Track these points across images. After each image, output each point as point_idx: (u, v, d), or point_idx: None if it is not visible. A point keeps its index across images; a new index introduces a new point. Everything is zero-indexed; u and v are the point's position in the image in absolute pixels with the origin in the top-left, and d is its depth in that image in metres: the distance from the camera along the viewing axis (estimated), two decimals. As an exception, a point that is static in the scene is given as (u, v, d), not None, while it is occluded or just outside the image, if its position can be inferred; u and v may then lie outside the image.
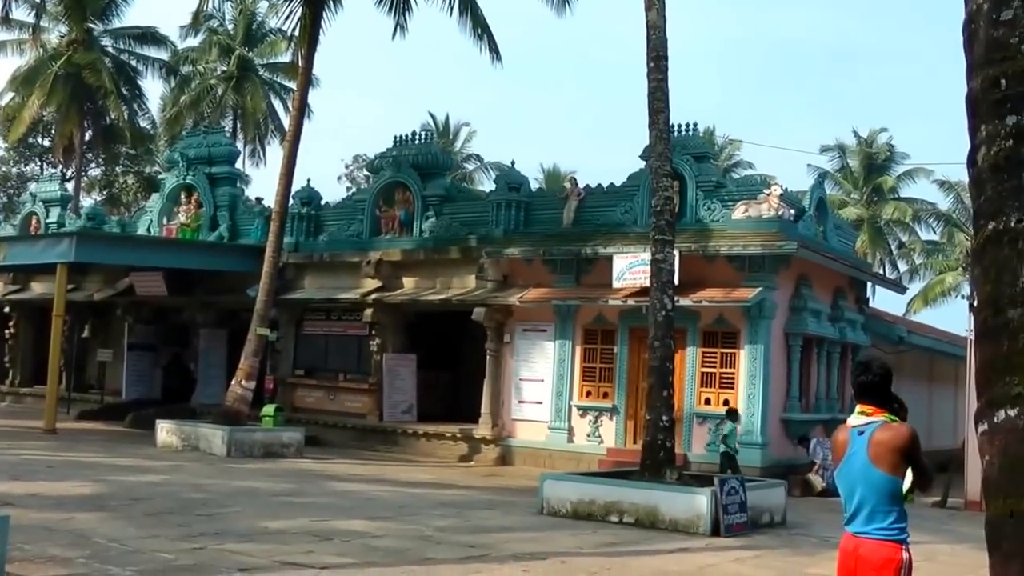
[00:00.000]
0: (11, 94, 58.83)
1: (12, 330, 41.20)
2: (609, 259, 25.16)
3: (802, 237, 24.58)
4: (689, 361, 24.48)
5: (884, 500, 6.25)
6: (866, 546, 6.25)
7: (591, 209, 27.13)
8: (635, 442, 23.90)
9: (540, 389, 26.81)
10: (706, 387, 24.45)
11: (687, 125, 26.23)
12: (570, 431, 26.20)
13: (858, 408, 6.47)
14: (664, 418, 17.55)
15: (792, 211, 24.86)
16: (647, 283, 19.91)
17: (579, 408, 26.18)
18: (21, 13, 46.82)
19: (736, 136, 65.97)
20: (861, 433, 6.35)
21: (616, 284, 24.88)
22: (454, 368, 31.88)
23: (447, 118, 66.95)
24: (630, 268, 24.51)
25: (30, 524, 13.17)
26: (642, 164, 25.61)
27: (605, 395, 25.92)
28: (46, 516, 14.27)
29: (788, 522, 17.78)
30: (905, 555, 6.24)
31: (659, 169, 18.62)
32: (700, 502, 15.99)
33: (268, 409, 27.39)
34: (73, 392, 37.38)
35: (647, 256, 20.14)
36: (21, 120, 56.63)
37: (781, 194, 24.61)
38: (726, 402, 24.09)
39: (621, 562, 13.14)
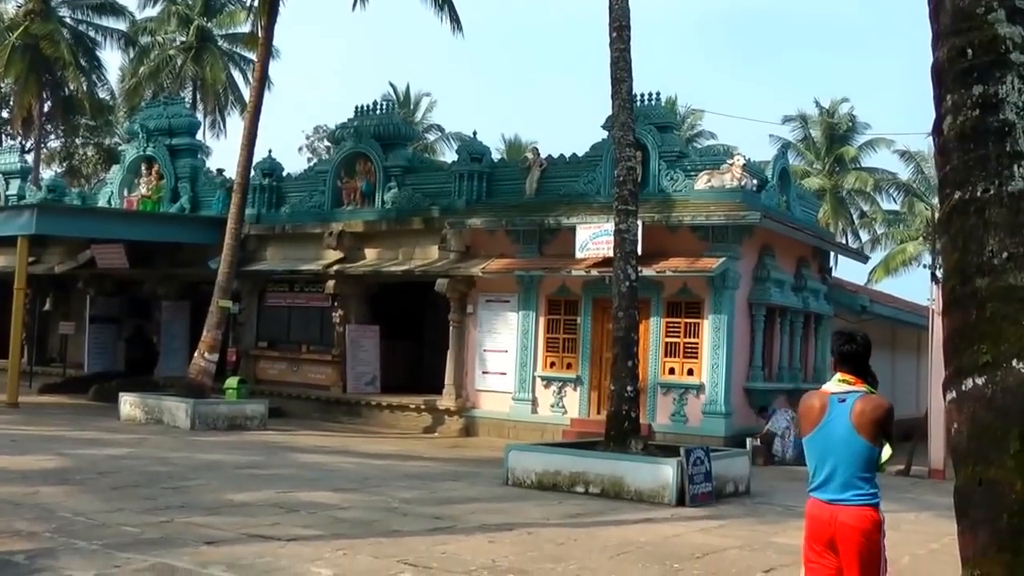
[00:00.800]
0: (-33, 66, 58.23)
1: (-29, 303, 40.53)
2: (572, 229, 25.15)
3: (765, 207, 24.64)
4: (653, 331, 24.51)
5: (863, 467, 6.42)
6: (847, 512, 6.40)
7: (554, 179, 27.11)
8: (599, 413, 23.96)
9: (504, 360, 26.81)
10: (670, 357, 24.50)
11: (650, 95, 26.23)
12: (534, 402, 26.23)
13: (839, 376, 6.62)
14: (629, 388, 17.58)
15: (755, 181, 24.91)
16: (610, 253, 19.94)
17: (543, 379, 26.20)
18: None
19: (698, 106, 65.83)
20: (842, 401, 6.48)
21: (579, 254, 24.88)
22: (418, 339, 31.88)
23: (408, 88, 66.83)
24: (593, 238, 24.52)
25: (-6, 499, 13.11)
26: (605, 134, 25.58)
27: (569, 366, 25.94)
28: (11, 490, 14.21)
29: (752, 491, 17.85)
30: (881, 515, 6.46)
31: (622, 139, 18.59)
32: (666, 472, 16.03)
33: (231, 381, 27.28)
34: (35, 366, 37.14)
35: (610, 227, 20.11)
36: (-22, 92, 56.17)
37: (744, 164, 24.65)
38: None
39: (587, 532, 13.16)
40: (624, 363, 17.67)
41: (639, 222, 19.46)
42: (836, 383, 6.60)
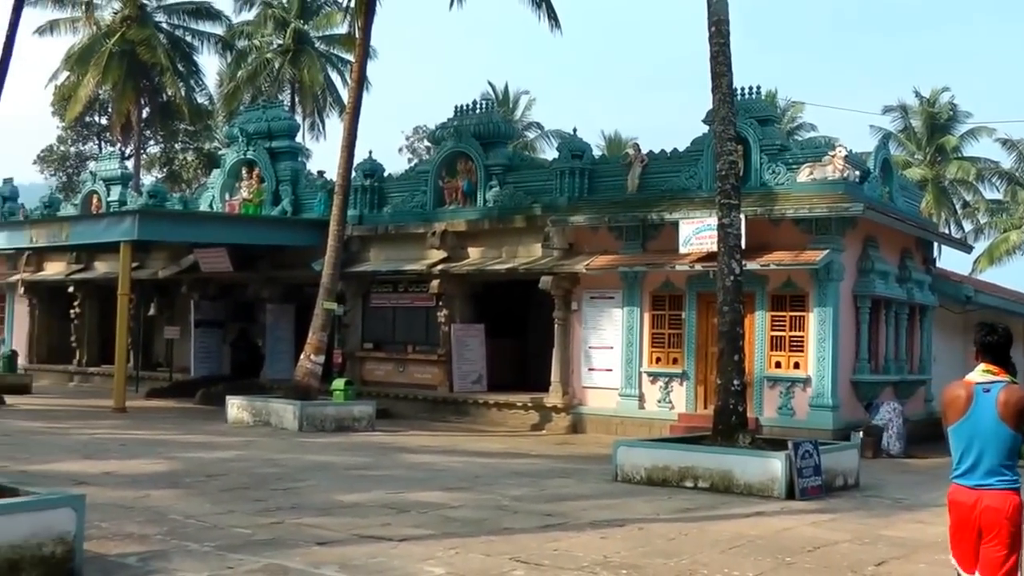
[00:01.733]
0: (66, 73, 59.22)
1: (77, 310, 41.35)
2: (675, 225, 25.11)
3: (868, 198, 24.42)
4: (758, 325, 24.41)
5: (1006, 455, 6.71)
6: (991, 496, 6.68)
7: (655, 175, 27.07)
8: (706, 407, 23.94)
9: (609, 356, 26.84)
10: (776, 350, 24.36)
11: (750, 88, 26.11)
12: (640, 397, 26.23)
13: (982, 367, 6.89)
14: (735, 382, 17.57)
15: (857, 172, 24.67)
16: (714, 248, 19.94)
17: (649, 374, 26.19)
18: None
19: (798, 98, 65.32)
20: (987, 391, 6.76)
21: (683, 249, 24.83)
22: (522, 337, 31.94)
23: (506, 87, 66.85)
24: (696, 233, 24.46)
25: (106, 502, 13.41)
26: (705, 129, 25.54)
27: (675, 361, 25.91)
28: (121, 494, 14.48)
29: (861, 484, 17.75)
30: (1021, 499, 6.72)
31: (723, 133, 18.58)
32: (774, 466, 16.01)
33: (338, 383, 27.49)
34: (141, 370, 37.82)
35: (713, 221, 20.14)
36: (77, 99, 56.96)
37: (846, 156, 24.42)
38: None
39: (698, 527, 13.21)
40: (730, 357, 17.66)
41: (742, 216, 19.41)
42: (980, 373, 6.87)
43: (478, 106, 31.85)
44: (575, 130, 30.62)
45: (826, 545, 12.26)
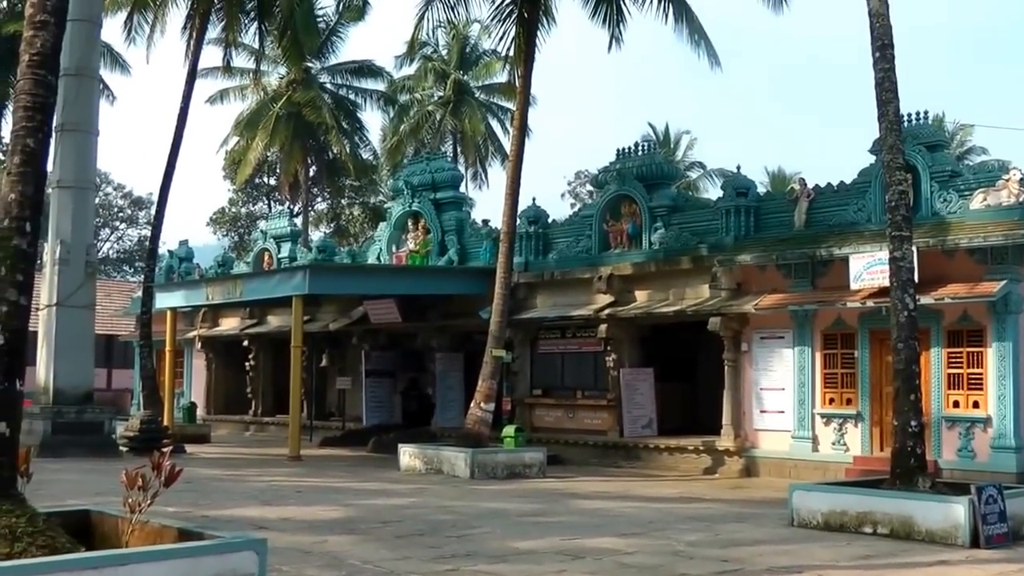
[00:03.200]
0: (236, 138, 61.13)
1: (252, 362, 42.56)
2: (845, 260, 24.56)
3: (1047, 223, 23.50)
4: (934, 362, 23.67)
5: None
6: None
7: (822, 209, 26.58)
8: (882, 449, 23.35)
9: (781, 398, 26.36)
10: (953, 389, 23.54)
11: (916, 114, 25.38)
12: (814, 440, 25.66)
13: None
14: (913, 423, 16.99)
15: (1034, 197, 23.80)
16: (886, 283, 19.41)
17: (822, 416, 25.63)
18: (241, 60, 48.61)
19: (967, 120, 63.74)
20: None
21: (854, 285, 24.25)
22: (691, 380, 31.60)
23: (667, 127, 66.72)
24: (867, 268, 23.88)
25: (285, 547, 13.54)
26: (872, 159, 25.01)
27: (848, 401, 25.30)
28: (299, 539, 14.67)
29: (1052, 531, 17.02)
30: None
31: (891, 162, 18.07)
32: (957, 511, 15.36)
33: (509, 430, 27.48)
34: (315, 420, 38.55)
35: (884, 255, 19.61)
36: (247, 162, 58.96)
37: (1021, 179, 23.57)
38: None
39: (879, 575, 12.77)
40: (906, 397, 17.11)
41: (914, 248, 18.86)
42: None
43: (640, 148, 31.77)
44: (738, 168, 30.25)
45: (1016, 593, 11.75)
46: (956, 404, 23.52)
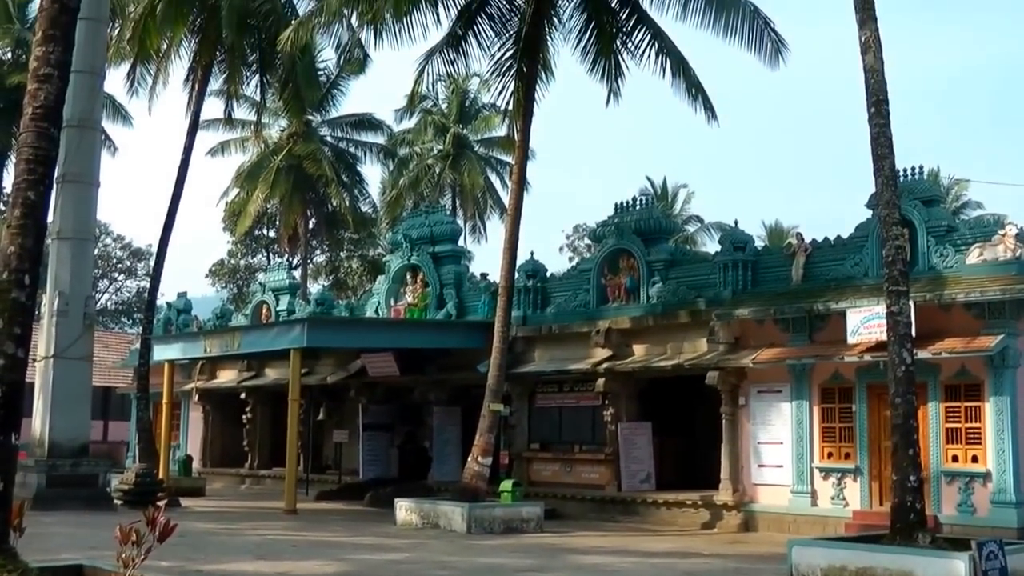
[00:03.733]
0: (236, 190, 61.29)
1: (249, 415, 42.37)
2: (842, 314, 24.55)
3: (1043, 278, 23.50)
4: (932, 417, 23.61)
5: None
6: None
7: (819, 264, 26.61)
8: (881, 504, 23.25)
9: (779, 452, 26.26)
10: (952, 443, 23.46)
11: (912, 169, 25.41)
12: (813, 494, 25.55)
13: None
14: (912, 478, 16.95)
15: (1030, 251, 23.82)
16: (883, 337, 19.41)
17: (821, 470, 25.52)
18: (242, 112, 48.76)
19: (962, 176, 63.77)
20: None
21: (851, 340, 24.24)
22: (689, 434, 31.46)
23: (664, 181, 66.82)
24: (865, 322, 23.86)
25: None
26: (868, 213, 25.06)
27: (847, 455, 25.21)
28: (296, 595, 14.57)
29: (1053, 586, 16.94)
30: None
31: (888, 217, 18.11)
32: (957, 567, 15.28)
33: (506, 484, 27.37)
34: (311, 473, 38.33)
35: (881, 309, 19.63)
36: (247, 214, 59.10)
37: (1016, 234, 23.63)
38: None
39: (878, 631, 12.71)
40: (905, 451, 17.08)
41: (911, 303, 18.88)
42: None
43: (638, 202, 31.85)
44: (736, 222, 30.32)
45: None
46: (955, 458, 23.44)
